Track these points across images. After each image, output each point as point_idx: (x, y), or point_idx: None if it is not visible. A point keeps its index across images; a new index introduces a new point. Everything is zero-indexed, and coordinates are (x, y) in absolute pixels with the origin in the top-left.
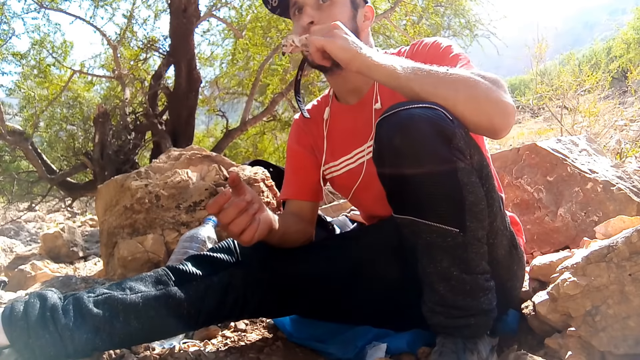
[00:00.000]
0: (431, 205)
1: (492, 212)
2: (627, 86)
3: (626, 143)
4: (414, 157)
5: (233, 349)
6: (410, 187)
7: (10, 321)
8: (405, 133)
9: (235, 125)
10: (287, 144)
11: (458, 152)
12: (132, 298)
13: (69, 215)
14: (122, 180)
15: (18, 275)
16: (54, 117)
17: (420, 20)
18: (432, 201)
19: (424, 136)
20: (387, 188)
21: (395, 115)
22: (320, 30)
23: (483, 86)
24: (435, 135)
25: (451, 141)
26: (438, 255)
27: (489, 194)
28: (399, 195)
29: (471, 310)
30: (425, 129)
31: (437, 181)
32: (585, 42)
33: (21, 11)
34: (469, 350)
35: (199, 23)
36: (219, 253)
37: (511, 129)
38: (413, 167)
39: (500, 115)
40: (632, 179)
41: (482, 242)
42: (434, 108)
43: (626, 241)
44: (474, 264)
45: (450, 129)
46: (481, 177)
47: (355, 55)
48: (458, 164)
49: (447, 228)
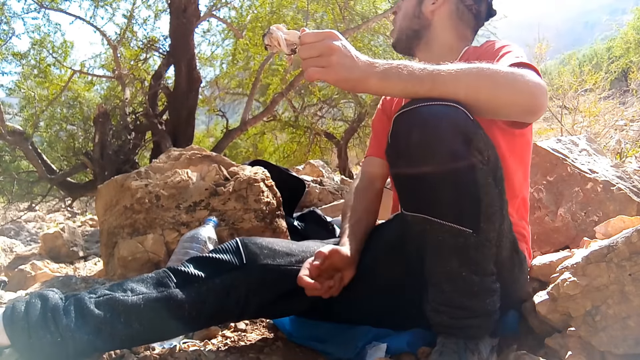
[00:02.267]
0: (446, 204)
1: (502, 215)
2: (628, 86)
3: (626, 143)
4: (433, 155)
5: (233, 349)
6: (425, 185)
7: (11, 321)
8: (425, 130)
9: (235, 125)
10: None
11: (477, 153)
12: (134, 299)
13: (69, 215)
14: (122, 180)
15: (18, 275)
16: (54, 117)
17: None
18: (447, 200)
19: (444, 134)
20: (399, 184)
21: (415, 111)
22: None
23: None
24: (455, 134)
25: (471, 141)
26: (448, 255)
27: (501, 196)
28: (413, 192)
29: (476, 312)
30: (446, 126)
31: (454, 181)
32: (585, 42)
33: (21, 11)
34: (469, 351)
35: (199, 23)
36: (221, 254)
37: (544, 108)
38: (431, 164)
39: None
40: (632, 179)
41: (492, 244)
42: (455, 107)
43: (626, 241)
44: (484, 265)
45: (471, 128)
46: (495, 178)
47: (357, 83)
48: (477, 164)
49: (460, 228)
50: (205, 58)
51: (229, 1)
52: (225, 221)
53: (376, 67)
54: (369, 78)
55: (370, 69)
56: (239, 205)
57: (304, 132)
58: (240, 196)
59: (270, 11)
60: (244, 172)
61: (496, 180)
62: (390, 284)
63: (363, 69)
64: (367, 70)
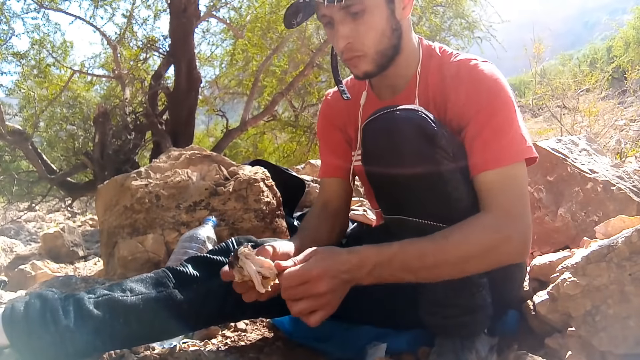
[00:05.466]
0: (417, 203)
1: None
2: (627, 86)
3: (626, 143)
4: (399, 158)
5: (233, 348)
6: (397, 187)
7: (10, 321)
8: (389, 135)
9: (235, 125)
10: (317, 124)
11: (441, 150)
12: (133, 300)
13: (69, 215)
14: (122, 180)
15: (18, 275)
16: (54, 117)
17: (420, 21)
18: (418, 198)
19: (407, 137)
20: (375, 189)
21: (379, 118)
22: (306, 305)
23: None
24: (418, 136)
25: (433, 140)
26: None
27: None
28: (388, 196)
29: (466, 308)
30: (408, 130)
31: (421, 178)
32: (585, 42)
33: (21, 11)
34: (467, 349)
35: (198, 23)
36: (220, 255)
37: (528, 246)
38: (398, 167)
39: (509, 255)
40: (632, 178)
41: None
42: (415, 110)
43: (626, 241)
44: None
45: (432, 128)
46: (462, 172)
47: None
48: (441, 161)
49: (433, 224)
50: (205, 58)
51: (228, 1)
52: (225, 221)
53: (363, 269)
54: (362, 282)
55: (359, 274)
56: (239, 205)
57: (304, 132)
58: (240, 196)
59: (270, 11)
60: (244, 172)
61: (464, 174)
62: (390, 284)
63: (354, 280)
64: (357, 278)
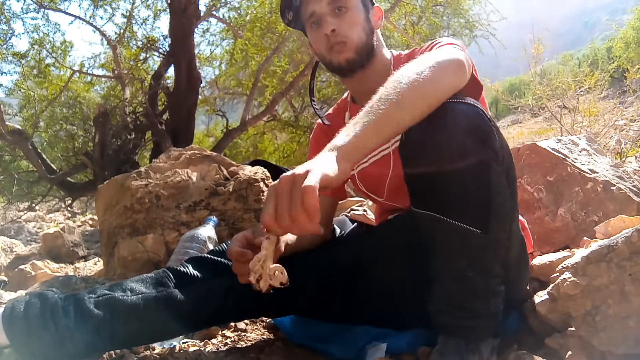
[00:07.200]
0: (457, 204)
1: (512, 216)
2: (626, 86)
3: (626, 143)
4: (447, 153)
5: (233, 348)
6: (437, 183)
7: (10, 321)
8: (440, 127)
9: (235, 125)
10: (310, 147)
11: (492, 152)
12: (133, 299)
13: (69, 215)
14: (122, 180)
15: (18, 275)
16: (54, 117)
17: (419, 20)
18: (458, 199)
19: (460, 132)
20: (410, 181)
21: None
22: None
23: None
24: (471, 133)
25: (486, 140)
26: (455, 254)
27: (512, 196)
28: (425, 191)
29: (480, 313)
30: (462, 125)
31: (467, 180)
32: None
33: (21, 11)
34: (470, 351)
35: (198, 23)
36: (220, 256)
37: (467, 75)
38: (445, 162)
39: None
40: (632, 178)
41: (501, 245)
42: (472, 105)
43: (626, 241)
44: (489, 267)
45: (487, 127)
46: (508, 178)
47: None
48: (491, 164)
49: (469, 228)
50: (205, 58)
51: (228, 1)
52: (225, 221)
53: (338, 148)
54: (343, 149)
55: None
56: (239, 205)
57: (304, 132)
58: (240, 196)
59: (269, 11)
60: (244, 172)
61: (509, 180)
62: (391, 284)
63: (331, 147)
64: (334, 144)
